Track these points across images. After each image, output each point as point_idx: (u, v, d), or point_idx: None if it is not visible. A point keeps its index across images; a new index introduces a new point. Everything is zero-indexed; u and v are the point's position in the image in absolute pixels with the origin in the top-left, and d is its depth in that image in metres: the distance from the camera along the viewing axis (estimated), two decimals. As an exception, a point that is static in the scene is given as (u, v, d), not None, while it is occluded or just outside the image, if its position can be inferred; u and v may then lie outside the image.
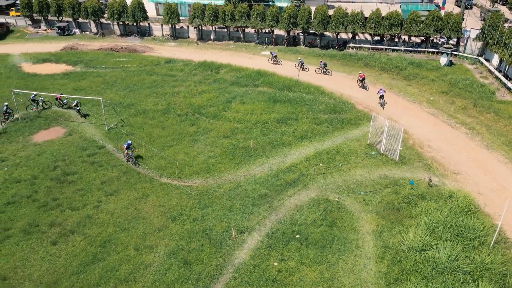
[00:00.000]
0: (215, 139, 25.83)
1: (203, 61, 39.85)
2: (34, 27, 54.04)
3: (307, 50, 44.89)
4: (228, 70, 37.95)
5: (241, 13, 45.70)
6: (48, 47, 45.33)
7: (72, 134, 26.50)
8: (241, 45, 47.11)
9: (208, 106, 30.40)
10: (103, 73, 37.19)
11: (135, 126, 27.49)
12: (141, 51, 44.29)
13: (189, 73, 37.37)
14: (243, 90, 33.55)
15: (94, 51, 43.80)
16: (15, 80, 35.37)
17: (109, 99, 31.55)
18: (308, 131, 26.64)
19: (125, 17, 48.68)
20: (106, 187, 21.16)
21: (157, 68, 38.53)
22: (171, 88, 33.89)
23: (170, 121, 28.27)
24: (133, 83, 34.75)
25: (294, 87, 33.81)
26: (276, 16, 45.11)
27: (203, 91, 33.10)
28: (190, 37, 50.17)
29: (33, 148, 24.77)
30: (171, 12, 46.99)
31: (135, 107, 30.36)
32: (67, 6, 49.85)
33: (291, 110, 29.58)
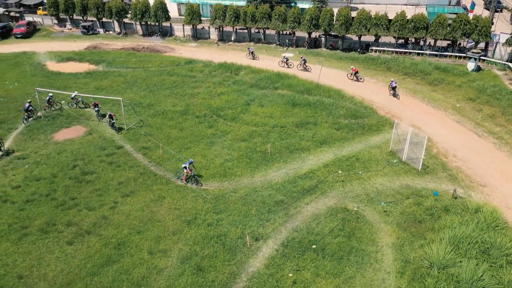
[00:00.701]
0: (232, 142, 25.51)
1: (223, 62, 39.65)
2: (60, 26, 55.18)
3: (328, 52, 44.08)
4: (248, 72, 37.62)
5: (262, 14, 45.31)
6: (72, 46, 46.13)
7: (92, 134, 26.69)
8: (261, 47, 46.70)
9: (227, 108, 30.13)
10: (124, 73, 37.49)
11: (154, 127, 27.47)
12: (162, 51, 44.50)
13: (209, 74, 37.23)
14: (262, 92, 33.14)
15: (117, 51, 44.28)
16: (40, 78, 36.07)
17: (129, 99, 31.71)
18: (328, 136, 25.99)
19: (147, 17, 49.07)
20: (123, 187, 21.13)
21: (177, 69, 38.57)
22: (190, 89, 33.81)
23: (188, 122, 28.13)
24: (153, 83, 34.86)
25: (314, 90, 33.16)
26: (298, 18, 44.51)
27: (222, 93, 32.86)
28: (211, 38, 50.13)
29: (54, 147, 25.06)
30: (193, 12, 47.04)
31: (154, 107, 30.39)
32: (92, 5, 50.68)
33: (310, 114, 28.97)
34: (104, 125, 27.91)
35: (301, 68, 38.48)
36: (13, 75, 36.86)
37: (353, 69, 36.07)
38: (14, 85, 34.43)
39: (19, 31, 49.50)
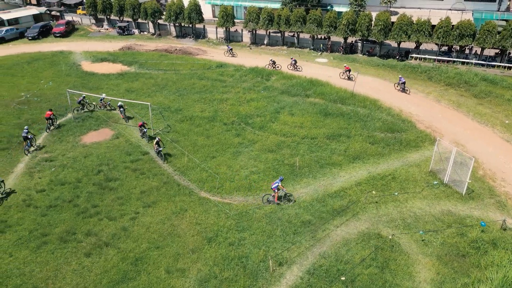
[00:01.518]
0: (259, 153, 24.31)
1: (254, 67, 38.55)
2: (97, 25, 56.12)
3: (364, 59, 41.99)
4: (279, 78, 36.30)
5: (297, 18, 43.84)
6: (107, 46, 46.58)
7: (119, 137, 26.32)
8: (294, 51, 45.24)
9: (255, 116, 28.97)
10: (155, 75, 37.20)
11: (181, 133, 26.74)
12: (194, 54, 44.00)
13: (239, 79, 36.23)
14: (293, 100, 31.73)
15: (150, 52, 44.22)
16: (74, 78, 36.41)
17: (158, 102, 31.26)
18: (361, 151, 24.24)
19: (181, 19, 48.83)
20: (145, 197, 20.44)
21: (208, 72, 37.85)
22: (219, 94, 32.93)
23: (215, 129, 27.21)
24: (183, 87, 34.28)
25: (348, 99, 31.37)
26: (334, 22, 42.69)
27: (251, 99, 31.75)
28: (244, 40, 49.21)
29: (81, 150, 24.84)
30: (226, 15, 46.27)
31: (182, 112, 29.71)
32: (128, 6, 51.10)
33: (343, 125, 27.28)
34: (131, 129, 27.50)
35: (291, 68, 38.38)
36: (48, 74, 37.47)
37: (346, 67, 36.27)
38: (49, 84, 34.89)
39: (58, 30, 50.65)
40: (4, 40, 48.01)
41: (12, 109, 29.95)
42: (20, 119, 28.42)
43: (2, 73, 37.56)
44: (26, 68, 38.95)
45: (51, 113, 26.91)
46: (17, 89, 33.93)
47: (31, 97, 32.06)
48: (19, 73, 37.51)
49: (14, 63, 40.25)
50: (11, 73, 37.58)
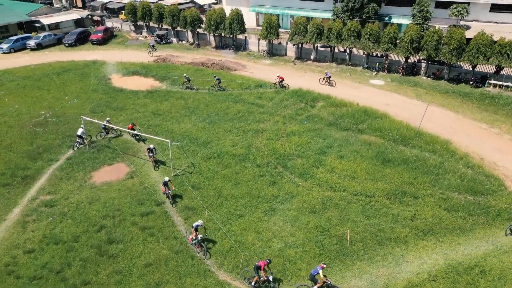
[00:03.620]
0: (298, 213, 19.02)
1: (298, 89, 33.17)
2: (136, 32, 53.28)
3: (429, 82, 35.25)
4: (327, 104, 30.66)
5: (351, 32, 37.83)
6: (142, 57, 43.20)
7: (134, 177, 22.10)
8: (345, 69, 39.27)
9: (296, 156, 23.68)
10: (187, 95, 32.93)
11: (205, 176, 22.04)
12: (232, 69, 39.38)
13: (279, 104, 31.03)
14: (343, 135, 26.06)
15: (185, 65, 40.18)
16: (100, 94, 33.01)
17: (185, 131, 26.87)
18: (434, 221, 18.22)
19: (221, 29, 44.45)
20: (149, 274, 15.89)
21: (244, 94, 33.01)
22: (255, 123, 27.93)
23: (246, 173, 22.24)
24: (215, 112, 29.65)
25: (412, 139, 25.21)
26: (394, 38, 36.25)
27: (292, 132, 26.46)
28: (288, 54, 43.91)
29: (88, 192, 20.86)
30: (270, 27, 41.19)
31: (211, 146, 25.05)
32: (167, 14, 47.60)
33: (407, 179, 21.29)
34: (149, 166, 23.22)
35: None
36: (76, 88, 34.41)
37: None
38: (73, 101, 31.70)
39: (96, 38, 48.15)
40: (41, 46, 46.18)
41: (27, 132, 26.82)
42: (32, 146, 25.11)
43: (30, 85, 35.03)
44: (54, 80, 36.25)
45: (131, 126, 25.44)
46: (39, 105, 31.01)
47: (50, 117, 28.88)
48: (46, 86, 34.79)
49: (44, 73, 37.77)
50: (38, 85, 34.95)
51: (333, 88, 34.07)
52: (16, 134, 26.49)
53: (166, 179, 19.69)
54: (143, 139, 25.79)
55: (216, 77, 34.13)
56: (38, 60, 42.24)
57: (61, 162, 23.59)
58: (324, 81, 34.94)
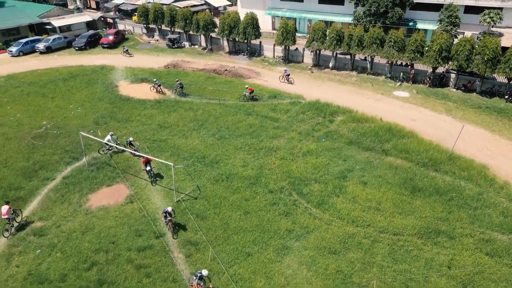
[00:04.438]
0: (315, 254, 16.53)
1: (315, 101, 30.60)
2: (148, 36, 51.48)
3: (459, 95, 32.18)
4: (347, 119, 28.00)
5: (373, 39, 35.00)
6: (152, 62, 41.26)
7: (133, 202, 19.96)
8: (366, 79, 36.47)
9: (313, 181, 21.17)
10: (196, 105, 30.71)
11: (211, 203, 19.73)
12: (246, 77, 37.02)
13: (295, 117, 28.52)
14: (365, 157, 23.42)
15: (196, 72, 38.03)
16: (105, 104, 31.08)
17: (192, 147, 24.65)
18: (475, 270, 15.48)
19: (235, 34, 42.14)
20: (141, 326, 13.68)
21: (258, 105, 30.60)
22: (269, 139, 25.52)
23: (257, 200, 19.85)
24: (226, 126, 27.33)
25: (444, 163, 22.41)
26: (421, 47, 33.29)
27: (308, 152, 23.95)
28: (305, 61, 41.30)
29: (83, 219, 18.82)
30: (287, 32, 38.64)
31: (219, 166, 22.74)
32: (179, 17, 45.56)
33: (441, 213, 18.56)
34: (151, 189, 21.05)
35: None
36: (81, 96, 32.60)
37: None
38: (77, 111, 29.87)
39: (106, 41, 46.46)
40: (50, 49, 44.72)
41: (25, 145, 25.02)
42: (28, 161, 23.26)
43: (34, 92, 33.40)
44: (60, 86, 34.55)
45: None
46: (42, 114, 29.27)
47: (51, 129, 27.07)
48: (51, 93, 33.09)
49: (50, 79, 36.14)
50: (43, 92, 33.30)
51: (354, 99, 31.36)
52: (14, 148, 24.72)
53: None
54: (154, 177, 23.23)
55: (178, 81, 32.73)
56: (46, 64, 40.75)
57: (57, 181, 21.64)
58: (284, 79, 35.33)
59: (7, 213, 17.48)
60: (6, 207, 17.54)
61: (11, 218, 17.73)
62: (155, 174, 21.84)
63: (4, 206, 17.59)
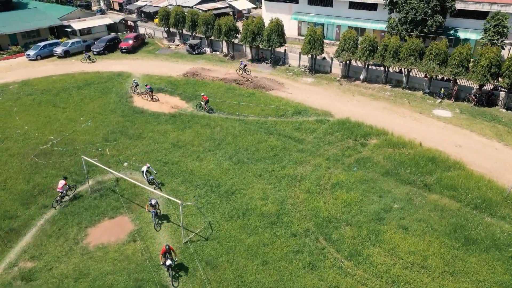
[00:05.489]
0: (348, 325, 13.39)
1: (345, 119, 27.27)
2: (169, 40, 49.23)
3: (510, 117, 28.12)
4: (381, 143, 24.56)
5: (411, 51, 31.25)
6: (171, 69, 38.87)
7: (137, 240, 17.35)
8: (401, 94, 32.75)
9: (344, 223, 17.97)
10: (214, 121, 27.96)
11: (224, 246, 16.88)
12: (268, 88, 34.00)
13: (322, 139, 25.31)
14: (405, 192, 20.00)
15: (216, 82, 35.30)
16: (118, 117, 28.78)
17: (206, 172, 21.89)
18: None
19: (259, 41, 39.18)
20: None
21: (280, 123, 27.55)
22: (292, 165, 22.44)
23: (277, 245, 16.85)
24: (245, 147, 24.43)
25: (500, 206, 18.72)
26: (467, 61, 29.34)
27: (338, 184, 20.72)
28: (333, 71, 37.88)
29: (78, 261, 16.35)
30: (314, 40, 35.33)
31: (235, 198, 19.87)
32: (201, 22, 43.00)
33: (503, 275, 15.01)
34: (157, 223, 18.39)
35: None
36: (94, 107, 30.46)
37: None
38: (87, 124, 27.68)
39: (125, 46, 44.45)
40: (68, 53, 43.07)
41: (28, 164, 22.92)
42: (28, 184, 21.09)
43: (46, 101, 31.53)
44: (73, 95, 32.57)
45: None
46: (50, 127, 27.24)
47: (58, 145, 24.92)
48: (63, 103, 31.13)
49: (64, 87, 34.27)
50: (55, 101, 31.38)
51: (389, 117, 27.82)
52: (15, 167, 22.65)
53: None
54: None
55: (148, 86, 31.82)
56: (62, 69, 39.04)
57: (55, 210, 19.29)
58: (241, 71, 35.90)
59: (62, 188, 19.08)
60: (62, 182, 19.13)
61: (65, 192, 19.31)
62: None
63: (61, 181, 19.17)
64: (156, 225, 17.93)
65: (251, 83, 34.91)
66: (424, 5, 36.21)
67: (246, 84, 34.83)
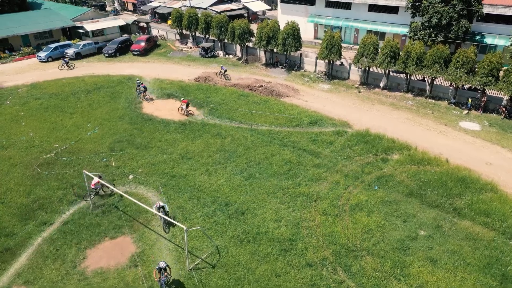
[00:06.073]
0: None
1: (364, 131, 25.41)
2: (181, 42, 47.97)
3: (545, 132, 25.77)
4: (404, 159, 22.64)
5: (436, 58, 29.16)
6: (183, 73, 37.56)
7: (138, 266, 15.94)
8: (424, 103, 30.69)
9: (364, 252, 16.22)
10: (225, 130, 26.45)
11: (232, 276, 15.32)
12: (283, 95, 32.33)
13: (340, 153, 23.53)
14: (432, 217, 18.11)
15: (228, 88, 33.78)
16: (125, 124, 27.53)
17: (215, 188, 20.38)
18: None
19: (274, 45, 37.54)
20: None
21: (295, 133, 25.86)
22: (307, 182, 20.76)
23: (291, 276, 15.20)
24: (257, 161, 22.84)
25: (541, 238, 16.65)
26: (497, 69, 27.14)
27: (358, 205, 18.95)
28: (351, 78, 35.99)
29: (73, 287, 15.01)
30: (332, 45, 33.50)
31: (245, 219, 18.30)
32: (214, 24, 41.58)
33: (550, 326, 13.04)
34: (162, 247, 16.95)
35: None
36: (102, 113, 29.29)
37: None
38: (94, 132, 26.50)
39: (137, 48, 43.37)
40: (80, 55, 42.19)
41: (30, 175, 21.79)
42: (29, 197, 19.93)
43: (53, 106, 30.51)
44: (82, 100, 31.50)
45: None
46: (56, 135, 26.15)
47: (62, 154, 23.76)
48: (71, 108, 30.06)
49: (73, 90, 33.25)
50: (63, 106, 30.35)
51: (411, 129, 25.87)
52: (17, 177, 21.54)
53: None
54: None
55: (143, 85, 31.66)
56: (72, 72, 38.14)
57: (55, 227, 18.07)
58: (221, 76, 35.26)
59: (94, 185, 19.17)
60: (96, 180, 19.05)
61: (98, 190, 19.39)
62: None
63: (96, 179, 19.07)
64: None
65: (264, 89, 33.28)
66: (449, 9, 34.03)
67: (259, 91, 33.22)
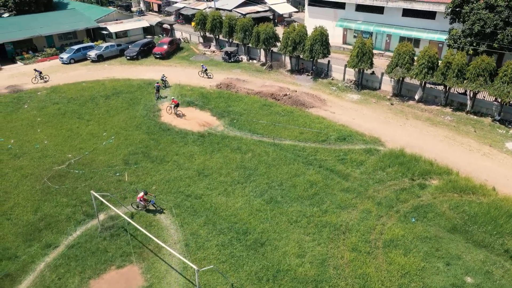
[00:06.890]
0: None
1: (399, 151, 22.90)
2: (205, 45, 46.45)
3: None
4: (445, 186, 20.03)
5: (481, 70, 26.21)
6: (204, 79, 35.89)
7: (144, 303, 14.26)
8: (465, 120, 27.77)
9: (402, 302, 13.89)
10: (246, 144, 24.53)
11: (249, 323, 13.37)
12: (308, 105, 30.13)
13: (372, 175, 21.15)
14: (480, 260, 15.57)
15: (251, 96, 31.86)
16: (142, 134, 26.09)
17: (233, 212, 18.50)
18: None
19: (300, 51, 35.34)
20: None
21: (321, 150, 23.62)
22: (335, 209, 18.55)
23: (317, 328, 13.10)
24: (279, 181, 20.80)
25: None
26: (553, 86, 23.93)
27: (393, 241, 16.61)
28: (382, 88, 33.32)
29: (73, 326, 13.49)
30: (363, 53, 30.97)
31: (265, 251, 16.31)
32: (238, 28, 39.75)
33: None
34: (169, 282, 15.19)
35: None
36: (119, 120, 28.02)
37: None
38: (109, 142, 25.17)
39: (159, 51, 42.09)
40: (102, 58, 41.34)
41: (39, 188, 20.58)
42: (36, 215, 18.67)
43: (71, 111, 29.49)
44: (100, 106, 30.37)
45: None
46: (71, 144, 24.99)
47: (74, 166, 22.49)
48: (88, 115, 28.94)
49: (92, 95, 32.21)
50: (80, 112, 29.27)
51: (451, 150, 23.15)
52: (25, 191, 20.38)
53: None
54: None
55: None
56: (93, 75, 37.21)
57: (59, 251, 16.67)
58: (203, 74, 35.10)
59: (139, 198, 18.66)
60: (142, 193, 18.66)
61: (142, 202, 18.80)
62: None
63: (141, 193, 18.70)
64: None
65: (289, 99, 31.13)
66: (494, 16, 30.74)
67: (283, 100, 31.12)
